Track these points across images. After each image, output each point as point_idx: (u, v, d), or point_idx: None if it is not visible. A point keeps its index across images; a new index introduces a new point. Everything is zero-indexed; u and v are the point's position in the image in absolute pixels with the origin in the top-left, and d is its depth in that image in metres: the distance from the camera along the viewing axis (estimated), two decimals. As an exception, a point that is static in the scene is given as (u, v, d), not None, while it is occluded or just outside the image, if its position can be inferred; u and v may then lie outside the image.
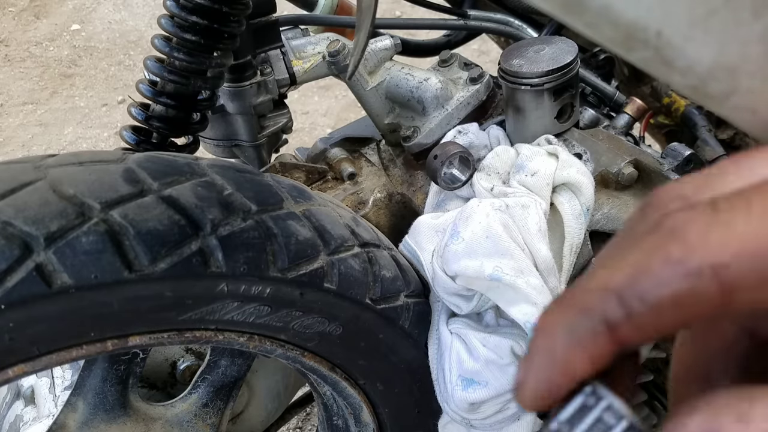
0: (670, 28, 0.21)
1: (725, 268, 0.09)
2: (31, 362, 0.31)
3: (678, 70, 0.22)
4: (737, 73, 0.21)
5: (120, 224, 0.31)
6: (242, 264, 0.34)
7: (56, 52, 1.73)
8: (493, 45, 0.82)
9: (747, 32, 0.20)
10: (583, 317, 0.10)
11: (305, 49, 0.63)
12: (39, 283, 0.29)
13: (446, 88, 0.61)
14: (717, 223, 0.09)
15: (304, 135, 1.36)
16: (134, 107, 0.49)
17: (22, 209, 0.30)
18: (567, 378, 0.10)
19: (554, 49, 0.53)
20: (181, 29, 0.46)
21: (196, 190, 0.35)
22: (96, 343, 0.32)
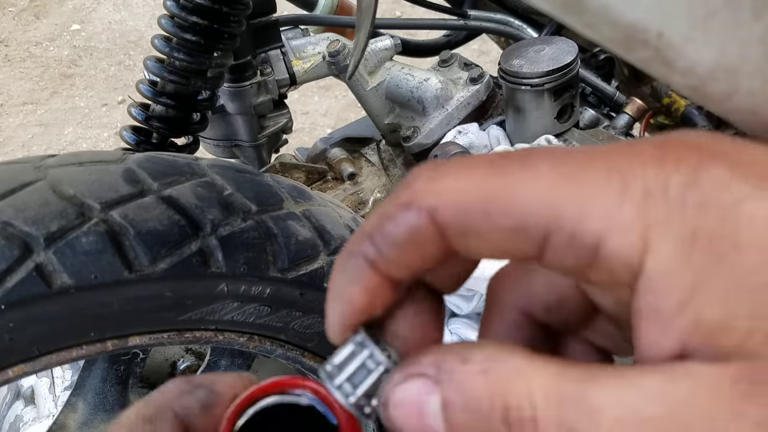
0: (670, 28, 0.21)
1: (436, 211, 0.11)
2: (31, 362, 0.31)
3: (678, 70, 0.22)
4: (737, 73, 0.21)
5: (120, 224, 0.31)
6: (242, 264, 0.34)
7: (56, 52, 1.73)
8: (493, 45, 0.82)
9: (747, 33, 0.20)
10: (350, 258, 0.12)
11: (305, 49, 0.63)
12: (39, 284, 0.29)
13: (446, 88, 0.61)
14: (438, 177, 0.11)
15: (304, 135, 1.36)
16: (134, 107, 0.49)
17: (22, 209, 0.30)
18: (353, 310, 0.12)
19: (554, 50, 0.53)
20: (181, 29, 0.46)
21: (196, 190, 0.35)
22: (96, 344, 0.32)
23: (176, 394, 0.14)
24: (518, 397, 0.10)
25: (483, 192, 0.11)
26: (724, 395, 0.09)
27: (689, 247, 0.09)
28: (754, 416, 0.09)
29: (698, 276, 0.09)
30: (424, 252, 0.11)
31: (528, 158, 0.11)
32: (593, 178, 0.10)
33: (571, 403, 0.10)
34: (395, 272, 0.12)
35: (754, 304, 0.09)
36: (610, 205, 0.10)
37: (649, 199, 0.10)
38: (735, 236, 0.09)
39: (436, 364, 0.11)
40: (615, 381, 0.10)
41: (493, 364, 0.10)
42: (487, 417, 0.10)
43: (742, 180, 0.10)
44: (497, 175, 0.11)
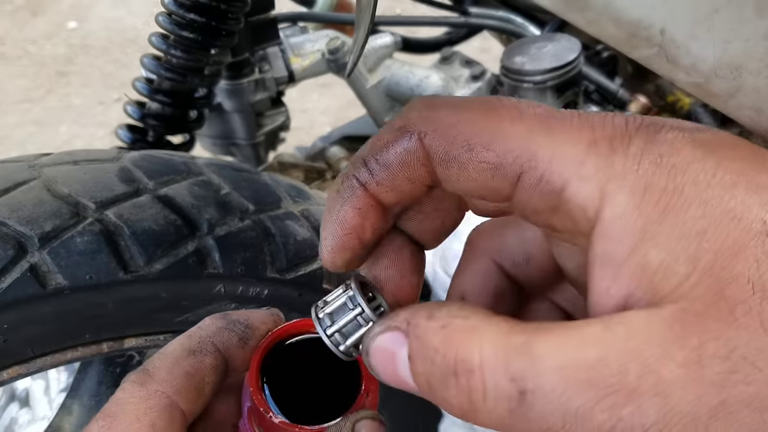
0: (674, 25, 0.20)
1: (425, 136, 0.12)
2: (25, 364, 0.30)
3: (682, 67, 0.22)
4: (742, 70, 0.21)
5: (115, 224, 0.31)
6: (239, 265, 0.34)
7: (52, 50, 1.72)
8: (495, 42, 0.82)
9: (751, 30, 0.20)
10: (344, 180, 0.13)
11: (304, 46, 0.63)
12: (33, 284, 0.28)
13: (447, 85, 0.60)
14: (431, 107, 0.12)
15: (303, 133, 1.36)
16: (130, 105, 0.49)
17: (16, 209, 0.30)
18: (344, 229, 0.13)
19: (557, 47, 0.52)
20: (179, 27, 0.45)
21: (192, 189, 0.34)
22: (91, 345, 0.32)
23: (216, 329, 0.16)
24: (469, 349, 0.11)
25: (470, 126, 0.12)
26: (656, 337, 0.10)
27: (640, 198, 0.11)
28: (681, 357, 0.10)
29: (647, 224, 0.10)
30: (412, 175, 0.13)
31: (518, 105, 0.12)
32: (569, 130, 0.11)
33: (516, 353, 0.10)
34: (384, 195, 0.13)
35: (691, 250, 0.10)
36: (578, 155, 0.11)
37: (612, 155, 0.11)
38: (681, 191, 0.10)
39: (407, 319, 0.12)
40: (558, 332, 0.11)
41: (453, 320, 0.11)
42: (441, 367, 0.11)
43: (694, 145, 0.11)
44: (486, 114, 0.12)
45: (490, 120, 0.12)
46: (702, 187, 0.10)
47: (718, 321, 0.10)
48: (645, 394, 0.10)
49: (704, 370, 0.10)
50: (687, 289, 0.10)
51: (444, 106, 0.12)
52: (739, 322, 0.10)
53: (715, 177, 0.11)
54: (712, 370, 0.10)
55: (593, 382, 0.10)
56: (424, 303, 0.12)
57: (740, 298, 0.10)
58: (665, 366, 0.10)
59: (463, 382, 0.11)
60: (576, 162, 0.11)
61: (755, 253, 0.10)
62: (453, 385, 0.11)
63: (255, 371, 0.15)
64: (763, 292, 0.10)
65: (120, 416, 0.14)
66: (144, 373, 0.15)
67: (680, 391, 0.10)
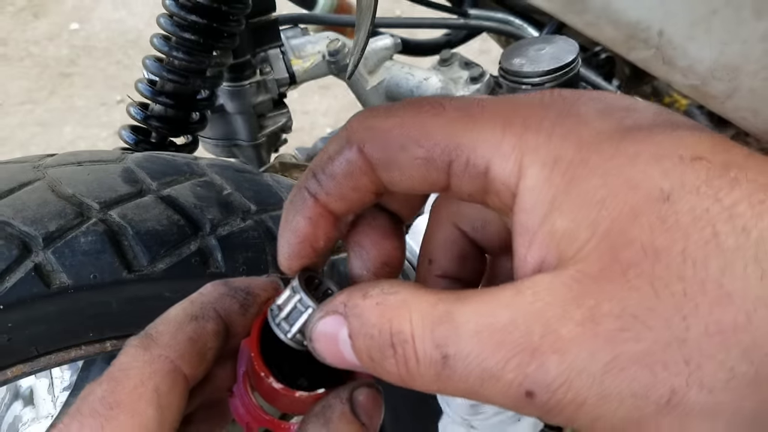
0: (672, 27, 0.21)
1: (364, 145, 0.13)
2: (29, 363, 0.31)
3: (679, 69, 0.22)
4: (739, 72, 0.21)
5: (119, 224, 0.31)
6: (242, 264, 0.34)
7: (55, 52, 1.73)
8: (494, 44, 0.82)
9: (748, 32, 0.20)
10: (297, 192, 0.14)
11: (305, 48, 0.63)
12: (38, 284, 0.29)
13: (447, 87, 0.61)
14: (368, 117, 0.13)
15: (304, 135, 1.36)
16: (133, 107, 0.49)
17: (20, 209, 0.30)
18: (297, 238, 0.14)
19: (555, 49, 0.52)
20: (181, 28, 0.45)
21: (195, 189, 0.35)
22: (95, 344, 0.32)
23: (218, 295, 0.16)
24: (401, 321, 0.12)
25: (401, 128, 0.13)
26: (557, 298, 0.11)
27: (550, 171, 0.11)
28: (578, 316, 0.10)
29: (555, 194, 0.11)
30: (356, 184, 0.13)
31: (441, 100, 0.13)
32: (488, 115, 0.12)
33: (440, 321, 0.11)
34: (334, 204, 0.14)
35: (591, 217, 0.11)
36: (495, 136, 0.12)
37: (526, 131, 0.12)
38: (586, 162, 0.11)
39: (344, 301, 0.13)
40: (477, 299, 0.11)
41: (386, 296, 0.12)
42: (379, 341, 0.12)
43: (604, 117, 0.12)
44: (413, 114, 0.13)
45: (417, 119, 0.13)
46: (606, 157, 0.11)
47: (612, 282, 0.10)
48: (546, 352, 0.10)
49: (598, 327, 0.10)
50: (586, 252, 0.11)
51: (380, 115, 0.13)
52: (632, 283, 0.10)
53: (619, 148, 0.11)
54: (605, 327, 0.10)
55: (504, 344, 0.11)
56: (359, 284, 0.13)
57: (633, 261, 0.10)
58: (564, 325, 0.10)
59: (400, 352, 0.12)
60: (495, 143, 0.12)
61: (650, 219, 0.10)
62: (391, 355, 0.12)
63: (256, 337, 0.15)
64: (655, 256, 0.10)
65: (124, 380, 0.14)
66: (147, 338, 0.15)
67: (576, 348, 0.10)
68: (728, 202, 0.10)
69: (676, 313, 0.10)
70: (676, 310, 0.10)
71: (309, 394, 0.15)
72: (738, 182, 0.11)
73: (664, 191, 0.11)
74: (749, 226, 0.10)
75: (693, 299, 0.10)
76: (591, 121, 0.12)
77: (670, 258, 0.10)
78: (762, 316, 0.10)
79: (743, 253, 0.10)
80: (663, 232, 0.10)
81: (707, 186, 0.11)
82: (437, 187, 0.13)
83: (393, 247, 0.15)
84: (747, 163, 0.11)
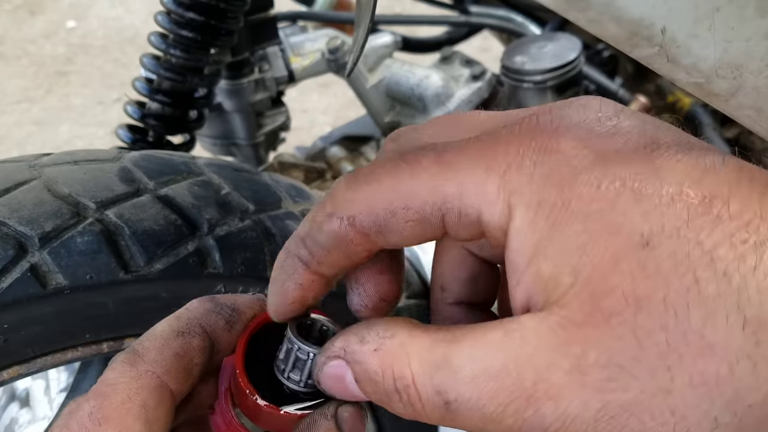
0: (675, 24, 0.20)
1: (354, 220, 0.13)
2: (26, 364, 0.30)
3: (683, 67, 0.22)
4: (742, 70, 0.21)
5: (115, 224, 0.31)
6: (240, 265, 0.34)
7: (51, 50, 1.72)
8: (495, 42, 0.82)
9: (752, 29, 0.20)
10: (287, 257, 0.14)
11: (304, 45, 0.63)
12: (34, 284, 0.28)
13: (447, 85, 0.60)
14: (352, 187, 0.13)
15: (303, 133, 1.36)
16: (130, 105, 0.49)
17: (16, 209, 0.30)
18: (286, 301, 0.15)
19: (557, 46, 0.52)
20: (178, 26, 0.45)
21: (192, 189, 0.34)
22: (91, 345, 0.32)
23: (204, 311, 0.16)
24: (401, 367, 0.12)
25: (385, 194, 0.13)
26: (544, 344, 0.11)
27: (534, 214, 0.12)
28: (566, 364, 0.11)
29: (540, 238, 0.12)
30: (350, 252, 0.14)
31: (413, 155, 0.13)
32: (466, 162, 0.12)
33: (437, 367, 0.12)
34: (326, 271, 0.14)
35: (573, 263, 0.11)
36: (479, 181, 0.12)
37: (507, 173, 0.12)
38: (567, 206, 0.11)
39: (343, 347, 0.13)
40: (471, 341, 0.12)
41: (383, 341, 0.13)
42: (383, 386, 0.13)
43: (584, 150, 0.12)
44: (392, 176, 0.13)
45: (398, 180, 0.13)
46: (586, 201, 0.11)
47: (596, 330, 0.11)
48: (541, 398, 0.11)
49: (586, 377, 0.11)
50: (570, 298, 0.11)
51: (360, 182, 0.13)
52: (615, 332, 0.11)
53: (599, 189, 0.11)
54: (592, 377, 0.11)
55: (500, 390, 0.11)
56: (353, 326, 0.14)
57: (615, 310, 0.11)
58: (553, 373, 0.11)
59: (405, 396, 0.12)
60: (480, 190, 0.12)
61: (631, 266, 0.11)
62: (397, 399, 0.13)
63: (241, 354, 0.15)
64: (636, 305, 0.10)
65: (111, 396, 0.14)
66: (134, 354, 0.15)
67: (569, 395, 0.11)
68: (709, 244, 0.10)
69: (660, 364, 0.10)
70: (661, 360, 0.10)
71: (294, 411, 0.15)
72: (720, 220, 0.10)
73: (644, 236, 0.11)
74: (730, 270, 0.10)
75: (676, 350, 0.10)
76: (571, 159, 0.12)
77: (652, 306, 0.10)
78: (744, 367, 0.10)
79: (725, 300, 0.10)
80: (644, 279, 0.11)
81: (688, 227, 0.11)
82: (436, 237, 0.13)
83: (390, 282, 0.15)
84: (733, 193, 0.11)
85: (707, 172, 0.11)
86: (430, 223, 0.13)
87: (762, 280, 0.10)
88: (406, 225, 0.13)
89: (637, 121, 0.13)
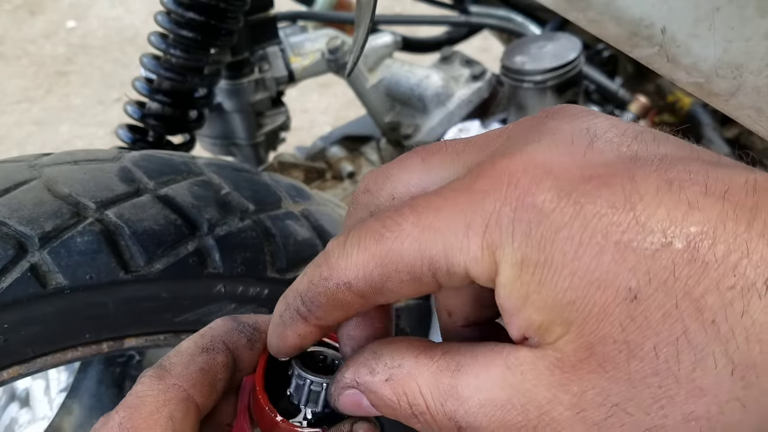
0: (675, 24, 0.20)
1: (350, 285, 0.14)
2: (25, 364, 0.30)
3: (683, 67, 0.22)
4: (742, 70, 0.21)
5: (115, 224, 0.31)
6: (240, 264, 0.34)
7: (52, 50, 1.72)
8: (495, 42, 0.82)
9: (752, 29, 0.20)
10: (286, 309, 0.15)
11: (304, 45, 0.62)
12: (34, 284, 0.28)
13: (447, 85, 0.60)
14: (343, 254, 0.14)
15: (303, 133, 1.36)
16: (130, 105, 0.48)
17: (16, 209, 0.30)
18: (286, 345, 0.16)
19: (557, 46, 0.52)
20: (178, 26, 0.45)
21: (192, 189, 0.34)
22: (91, 345, 0.32)
23: (227, 329, 0.17)
24: (414, 395, 0.13)
25: (377, 262, 0.14)
26: (543, 381, 0.12)
27: (519, 271, 0.12)
28: (566, 401, 0.12)
29: (527, 292, 0.12)
30: (349, 312, 0.15)
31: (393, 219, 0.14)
32: (446, 222, 0.13)
33: (447, 396, 0.13)
34: (324, 324, 0.15)
35: (564, 316, 0.12)
36: (461, 242, 0.13)
37: (487, 231, 0.12)
38: (551, 263, 0.12)
39: (354, 378, 0.15)
40: (474, 372, 0.13)
41: (393, 372, 0.14)
42: (401, 412, 0.14)
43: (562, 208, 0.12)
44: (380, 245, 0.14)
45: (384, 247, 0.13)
46: (569, 258, 0.12)
47: (591, 373, 0.12)
48: (545, 429, 0.12)
49: (585, 413, 0.12)
50: (563, 344, 0.12)
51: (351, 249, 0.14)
52: (610, 374, 0.11)
53: (581, 245, 0.12)
54: (591, 413, 0.12)
55: (506, 421, 0.12)
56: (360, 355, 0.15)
57: (609, 356, 0.11)
58: (555, 408, 0.12)
59: (422, 419, 0.13)
60: (463, 250, 0.13)
61: (620, 318, 0.11)
62: (416, 422, 0.14)
63: (261, 372, 0.16)
64: (629, 352, 0.11)
65: (140, 408, 0.15)
66: (161, 369, 0.16)
67: (570, 428, 0.12)
68: (697, 293, 0.11)
69: (653, 403, 0.11)
70: (654, 400, 0.11)
71: (312, 429, 0.16)
72: (707, 267, 0.11)
73: (631, 290, 0.11)
74: (719, 319, 0.11)
75: (668, 392, 0.11)
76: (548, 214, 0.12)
77: (643, 353, 0.11)
78: (733, 407, 0.11)
79: (713, 348, 0.11)
80: (634, 329, 0.11)
81: (675, 278, 0.11)
82: (432, 290, 0.14)
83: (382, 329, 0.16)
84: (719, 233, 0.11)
85: (690, 212, 0.11)
86: (425, 282, 0.13)
87: (750, 326, 0.10)
88: (401, 285, 0.14)
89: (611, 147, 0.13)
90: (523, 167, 0.12)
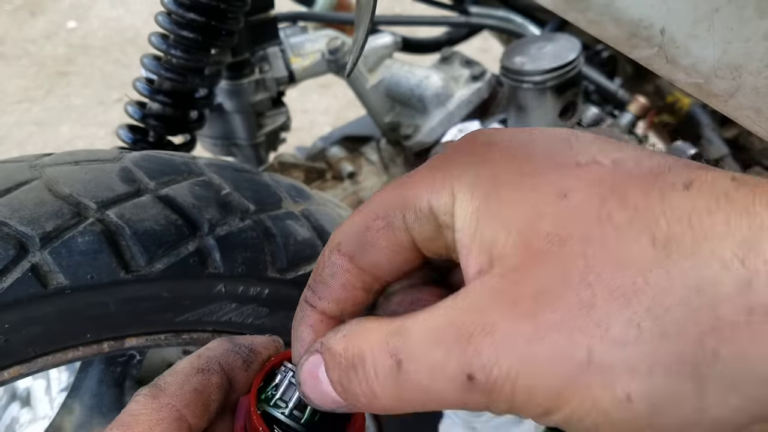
0: (674, 25, 0.20)
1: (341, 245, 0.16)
2: (26, 364, 0.30)
3: (682, 67, 0.22)
4: (742, 71, 0.21)
5: (116, 224, 0.31)
6: (240, 264, 0.34)
7: (52, 50, 1.72)
8: (495, 42, 0.82)
9: (752, 30, 0.20)
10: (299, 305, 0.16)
11: (304, 46, 0.63)
12: (35, 284, 0.29)
13: (447, 86, 0.60)
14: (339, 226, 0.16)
15: (303, 134, 1.36)
16: (131, 105, 0.49)
17: (17, 209, 0.30)
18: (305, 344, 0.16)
19: (557, 47, 0.52)
20: (179, 26, 0.45)
21: (193, 189, 0.34)
22: (92, 345, 0.32)
23: (223, 351, 0.18)
24: (361, 344, 0.14)
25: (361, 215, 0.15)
26: (487, 293, 0.13)
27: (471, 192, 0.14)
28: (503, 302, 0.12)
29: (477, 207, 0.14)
30: (345, 282, 0.15)
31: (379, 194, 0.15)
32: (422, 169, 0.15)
33: (393, 334, 0.13)
34: (328, 307, 0.16)
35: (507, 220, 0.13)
36: (428, 177, 0.15)
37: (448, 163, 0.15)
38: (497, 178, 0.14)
39: (321, 341, 0.15)
40: (425, 311, 0.13)
41: (351, 327, 0.14)
42: (344, 366, 0.14)
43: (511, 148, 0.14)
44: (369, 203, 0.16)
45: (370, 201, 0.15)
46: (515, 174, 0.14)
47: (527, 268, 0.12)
48: (479, 335, 0.12)
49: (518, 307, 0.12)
50: (507, 250, 0.13)
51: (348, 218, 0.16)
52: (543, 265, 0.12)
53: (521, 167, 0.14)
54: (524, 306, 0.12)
55: (445, 339, 0.12)
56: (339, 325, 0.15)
57: (542, 248, 0.12)
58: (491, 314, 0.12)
59: (361, 372, 0.13)
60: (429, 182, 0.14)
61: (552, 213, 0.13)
62: (354, 377, 0.13)
63: (255, 392, 0.16)
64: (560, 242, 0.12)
65: (133, 426, 0.15)
66: (156, 388, 0.16)
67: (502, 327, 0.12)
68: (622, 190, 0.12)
69: (581, 282, 0.12)
70: (582, 279, 0.12)
71: None
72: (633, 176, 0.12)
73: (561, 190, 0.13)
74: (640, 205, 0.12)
75: (594, 269, 0.12)
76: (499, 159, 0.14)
77: (573, 241, 0.12)
78: (658, 275, 0.11)
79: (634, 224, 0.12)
80: (564, 221, 0.12)
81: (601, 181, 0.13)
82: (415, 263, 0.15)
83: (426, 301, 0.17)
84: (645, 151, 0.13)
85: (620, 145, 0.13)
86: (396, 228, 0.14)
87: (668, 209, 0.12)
88: (378, 234, 0.15)
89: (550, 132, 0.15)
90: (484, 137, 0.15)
